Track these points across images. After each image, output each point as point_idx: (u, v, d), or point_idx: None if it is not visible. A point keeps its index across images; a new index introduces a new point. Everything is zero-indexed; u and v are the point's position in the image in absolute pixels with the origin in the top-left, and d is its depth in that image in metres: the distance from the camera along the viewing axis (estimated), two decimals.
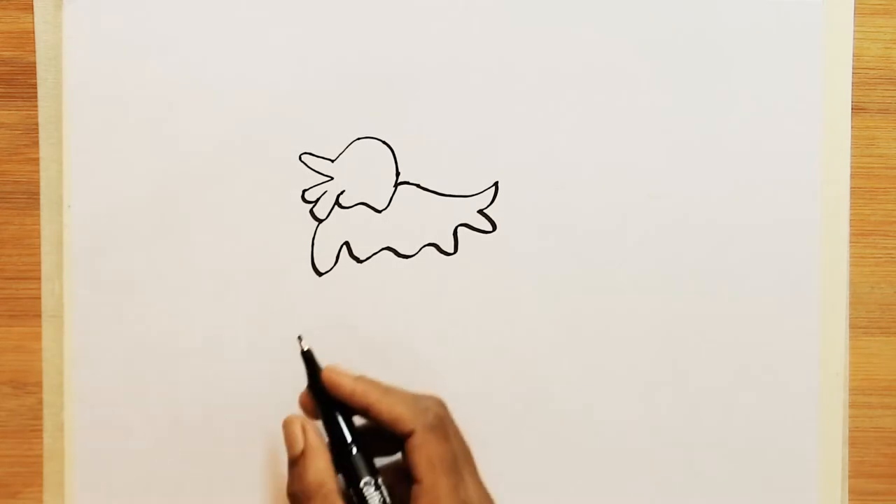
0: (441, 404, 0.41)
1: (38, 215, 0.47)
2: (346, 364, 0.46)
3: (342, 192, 0.46)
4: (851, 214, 0.47)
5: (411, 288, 0.46)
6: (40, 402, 0.47)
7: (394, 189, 0.46)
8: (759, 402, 0.46)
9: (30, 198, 0.47)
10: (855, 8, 0.46)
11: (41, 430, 0.47)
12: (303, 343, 0.42)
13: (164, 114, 0.46)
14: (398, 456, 0.41)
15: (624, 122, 0.46)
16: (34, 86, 0.46)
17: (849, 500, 0.47)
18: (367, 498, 0.39)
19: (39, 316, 0.47)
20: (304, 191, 0.46)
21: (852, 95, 0.47)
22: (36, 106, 0.46)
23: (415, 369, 0.46)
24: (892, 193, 0.47)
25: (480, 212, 0.46)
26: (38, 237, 0.47)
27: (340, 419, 0.40)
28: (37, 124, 0.46)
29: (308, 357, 0.42)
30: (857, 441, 0.47)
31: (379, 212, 0.46)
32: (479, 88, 0.46)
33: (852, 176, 0.47)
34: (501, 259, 0.46)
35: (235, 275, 0.46)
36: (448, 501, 0.38)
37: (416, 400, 0.41)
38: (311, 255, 0.46)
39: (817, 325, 0.46)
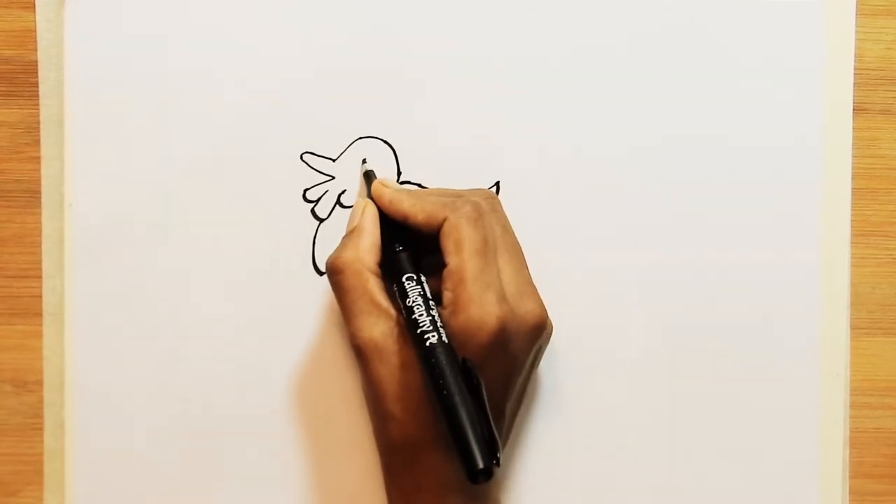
0: (486, 196, 0.42)
1: (40, 214, 0.47)
2: (348, 365, 0.46)
3: (344, 192, 0.46)
4: (852, 215, 0.47)
5: None
6: (41, 401, 0.47)
7: None
8: (760, 402, 0.46)
9: (31, 196, 0.47)
10: (856, 8, 0.46)
11: (42, 429, 0.47)
12: (365, 165, 0.45)
13: (166, 113, 0.46)
14: None
15: (624, 122, 0.46)
16: (36, 84, 0.46)
17: (849, 500, 0.47)
18: (408, 289, 0.40)
19: (40, 314, 0.47)
20: (305, 190, 0.46)
21: (853, 96, 0.47)
22: (37, 104, 0.46)
23: None
24: (893, 194, 0.47)
25: None
26: (40, 235, 0.47)
27: (393, 226, 0.42)
28: (38, 123, 0.46)
29: (368, 176, 0.44)
30: (858, 442, 0.47)
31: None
32: (481, 88, 0.46)
33: (853, 177, 0.47)
34: None
35: (236, 274, 0.46)
36: (473, 283, 0.39)
37: (453, 196, 0.42)
38: (313, 254, 0.46)
39: (818, 326, 0.46)
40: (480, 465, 0.36)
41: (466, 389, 0.37)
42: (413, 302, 0.39)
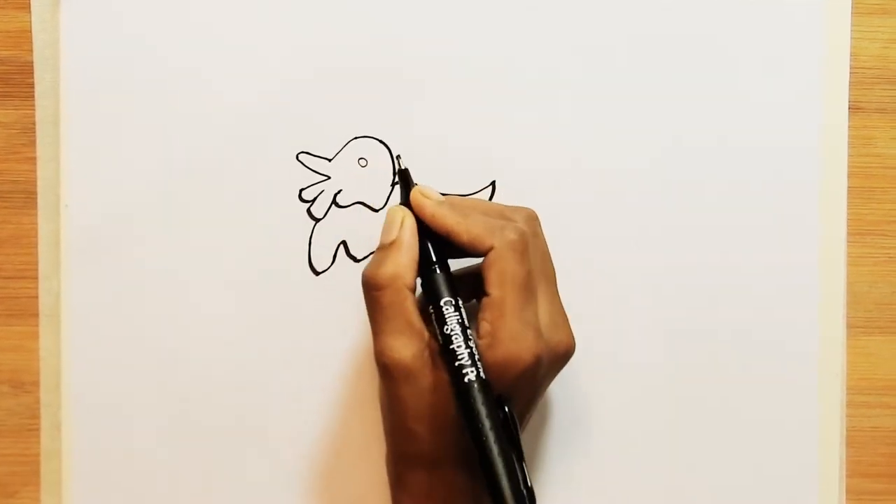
0: (527, 217, 0.41)
1: (36, 214, 0.47)
2: (346, 365, 0.46)
3: (339, 192, 0.46)
4: (849, 214, 0.47)
5: None
6: (37, 402, 0.47)
7: (391, 188, 0.46)
8: (757, 401, 0.46)
9: (27, 197, 0.47)
10: (852, 7, 0.46)
11: (38, 430, 0.47)
12: (401, 162, 0.42)
13: (162, 113, 0.46)
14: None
15: (621, 122, 0.46)
16: (31, 85, 0.46)
17: (846, 499, 0.47)
18: (446, 315, 0.39)
19: (37, 315, 0.47)
20: (301, 190, 0.46)
21: (849, 95, 0.47)
22: (33, 105, 0.46)
23: None
24: (890, 193, 0.47)
25: None
26: (36, 236, 0.47)
27: (429, 240, 0.40)
28: (34, 123, 0.46)
29: (404, 176, 0.42)
30: (855, 441, 0.47)
31: (376, 211, 0.46)
32: (477, 87, 0.46)
33: (849, 175, 0.47)
34: None
35: (232, 274, 0.46)
36: (512, 318, 0.38)
37: (497, 216, 0.41)
38: (308, 254, 0.46)
39: (815, 325, 0.46)
40: None
41: (501, 427, 0.37)
42: (451, 330, 0.38)
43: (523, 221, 0.40)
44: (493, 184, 0.46)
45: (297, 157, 0.46)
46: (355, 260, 0.46)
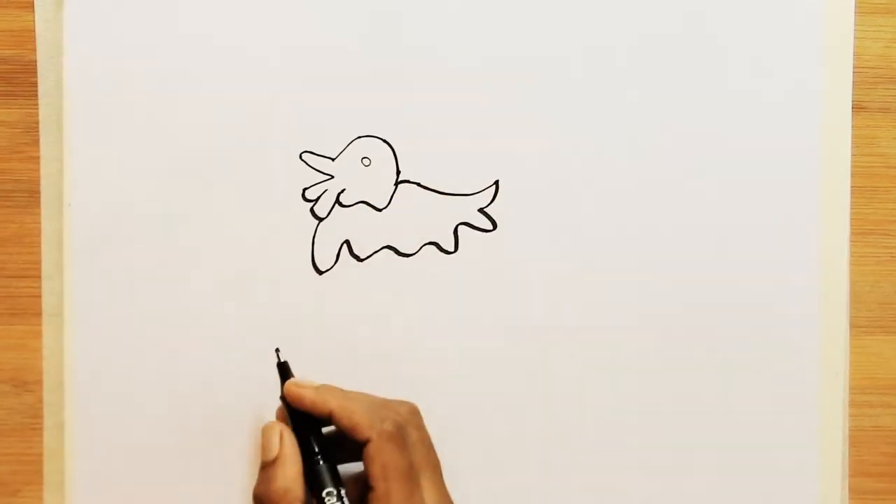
0: (409, 411, 0.42)
1: (39, 213, 0.47)
2: (348, 364, 0.46)
3: (342, 191, 0.46)
4: (852, 213, 0.47)
5: (412, 286, 0.46)
6: (40, 401, 0.47)
7: (394, 187, 0.46)
8: (759, 401, 0.46)
9: (30, 196, 0.47)
10: (855, 6, 0.46)
11: (41, 429, 0.47)
12: (280, 355, 0.43)
13: (165, 112, 0.46)
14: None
15: (623, 121, 0.46)
16: (35, 84, 0.46)
17: (849, 498, 0.47)
18: None
19: (40, 314, 0.47)
20: (304, 189, 0.46)
21: (853, 94, 0.47)
22: (36, 104, 0.46)
23: (414, 368, 0.46)
24: (893, 192, 0.47)
25: (481, 210, 0.46)
26: (39, 235, 0.47)
27: (308, 431, 0.41)
28: (37, 123, 0.46)
29: (283, 369, 0.43)
30: (858, 440, 0.47)
31: (379, 210, 0.46)
32: (480, 87, 0.46)
33: (852, 175, 0.47)
34: (502, 258, 0.46)
35: (236, 273, 0.46)
36: None
37: (379, 407, 0.41)
38: (312, 253, 0.46)
39: (817, 324, 0.46)
40: None
41: None
42: None
43: (405, 414, 0.41)
44: (496, 183, 0.46)
45: (300, 157, 0.46)
46: (358, 259, 0.46)
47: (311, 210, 0.46)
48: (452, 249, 0.46)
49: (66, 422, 0.46)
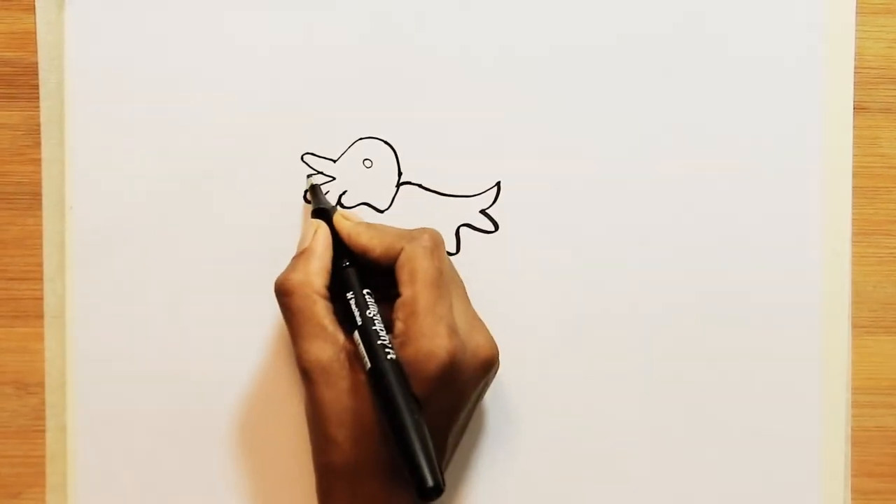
0: (434, 231, 0.42)
1: (41, 216, 0.47)
2: None
3: (344, 192, 0.46)
4: (853, 214, 0.47)
5: None
6: (43, 403, 0.47)
7: (396, 189, 0.46)
8: (762, 401, 0.46)
9: (32, 198, 0.47)
10: (857, 7, 0.46)
11: (44, 431, 0.47)
12: (312, 179, 0.45)
13: (167, 114, 0.46)
14: None
15: (625, 122, 0.46)
16: (36, 86, 0.46)
17: (851, 499, 0.47)
18: (352, 307, 0.40)
19: (42, 317, 0.47)
20: (305, 191, 0.46)
21: (854, 95, 0.47)
22: (38, 107, 0.46)
23: None
24: (894, 192, 0.47)
25: (483, 212, 0.46)
26: (41, 238, 0.47)
27: (339, 242, 0.42)
28: (39, 125, 0.46)
29: (314, 191, 0.45)
30: (860, 440, 0.47)
31: (381, 212, 0.46)
32: (481, 88, 0.46)
33: (854, 175, 0.47)
34: (503, 259, 0.46)
35: (237, 275, 0.46)
36: (424, 315, 0.39)
37: (412, 231, 0.42)
38: None
39: (819, 325, 0.46)
40: (430, 482, 0.36)
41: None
42: (361, 320, 0.40)
43: (432, 232, 0.42)
44: (498, 185, 0.46)
45: (301, 158, 0.46)
46: None
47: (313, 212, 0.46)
48: (454, 251, 0.46)
49: (68, 424, 0.46)
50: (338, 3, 0.46)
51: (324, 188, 0.46)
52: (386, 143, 0.46)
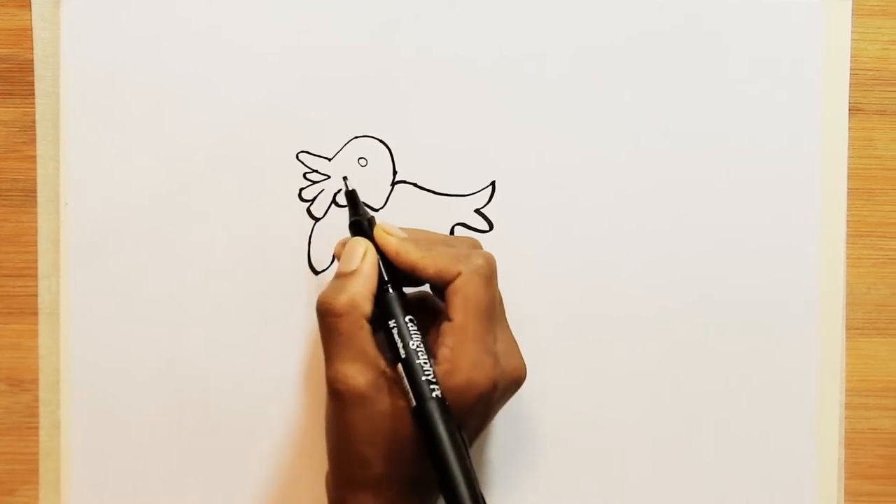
0: (490, 255, 0.41)
1: (35, 213, 0.47)
2: None
3: (339, 191, 0.46)
4: (848, 216, 0.47)
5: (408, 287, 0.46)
6: (36, 400, 0.47)
7: (391, 188, 0.46)
8: (756, 403, 0.46)
9: (27, 195, 0.47)
10: (853, 9, 0.46)
11: (37, 428, 0.47)
12: (348, 183, 0.43)
13: (162, 112, 0.46)
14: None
15: (621, 122, 0.46)
16: (31, 83, 0.46)
17: (845, 501, 0.47)
18: (395, 337, 0.39)
19: (36, 313, 0.47)
20: (300, 189, 0.46)
21: (850, 96, 0.47)
22: (33, 103, 0.46)
23: None
24: (890, 195, 0.47)
25: (477, 211, 0.46)
26: (35, 234, 0.47)
27: (381, 262, 0.40)
28: (34, 122, 0.46)
29: (352, 198, 0.42)
30: (854, 442, 0.47)
31: (376, 210, 0.46)
32: (477, 88, 0.46)
33: (849, 177, 0.47)
34: (498, 258, 0.46)
35: (231, 273, 0.46)
36: (473, 344, 0.38)
37: (463, 247, 0.41)
38: (308, 253, 0.46)
39: (814, 327, 0.46)
40: None
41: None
42: (407, 350, 0.38)
43: (485, 254, 0.41)
44: (492, 184, 0.46)
45: (297, 157, 0.46)
46: None
47: (308, 210, 0.46)
48: None
49: (62, 421, 0.46)
50: (334, 3, 0.46)
51: (318, 187, 0.46)
52: (381, 141, 0.46)
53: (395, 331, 0.39)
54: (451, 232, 0.46)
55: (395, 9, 0.46)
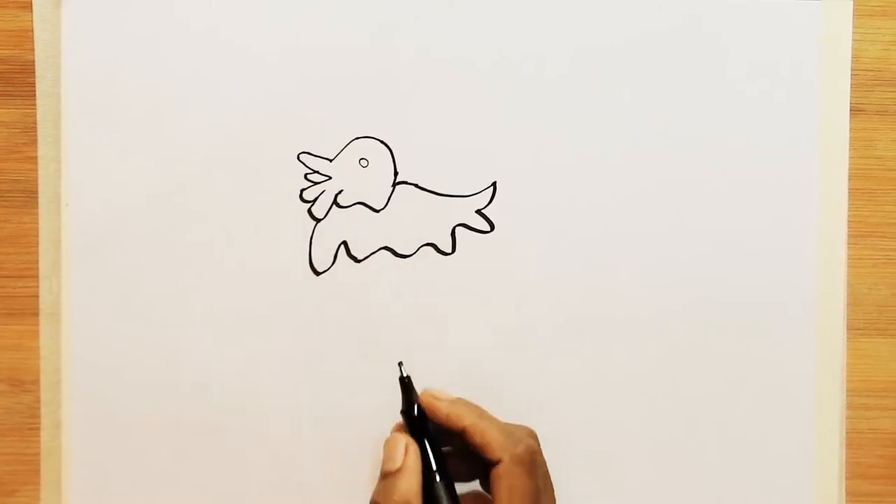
0: (533, 436, 0.42)
1: (36, 213, 0.47)
2: (345, 365, 0.46)
3: (340, 192, 0.46)
4: (849, 216, 0.47)
5: (409, 288, 0.46)
6: (38, 400, 0.47)
7: (392, 188, 0.46)
8: (757, 403, 0.46)
9: (28, 196, 0.47)
10: (854, 9, 0.46)
11: (39, 428, 0.47)
12: (403, 369, 0.42)
13: (163, 112, 0.46)
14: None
15: (621, 123, 0.46)
16: (33, 84, 0.46)
17: (846, 501, 0.47)
18: None
19: (37, 314, 0.47)
20: (302, 190, 0.46)
21: (850, 97, 0.47)
22: (34, 104, 0.46)
23: (412, 369, 0.46)
24: (890, 195, 0.47)
25: (478, 212, 0.46)
26: (36, 235, 0.47)
27: (429, 447, 0.41)
28: (35, 122, 0.46)
29: (405, 383, 0.42)
30: (855, 442, 0.47)
31: (377, 211, 0.46)
32: (478, 88, 0.46)
33: (850, 177, 0.47)
34: (499, 259, 0.46)
35: (233, 273, 0.46)
36: None
37: (510, 429, 0.41)
38: (309, 254, 0.46)
39: (815, 327, 0.46)
40: None
41: None
42: None
43: (533, 441, 0.41)
44: (494, 185, 0.46)
45: (298, 158, 0.46)
46: (356, 260, 0.46)
47: (309, 211, 0.46)
48: (450, 251, 0.46)
49: (62, 421, 0.46)
50: (334, 4, 0.46)
51: (319, 188, 0.46)
52: (382, 142, 0.46)
53: None
54: (452, 232, 0.46)
55: (394, 9, 0.46)
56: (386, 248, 0.46)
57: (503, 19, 0.46)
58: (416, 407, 0.41)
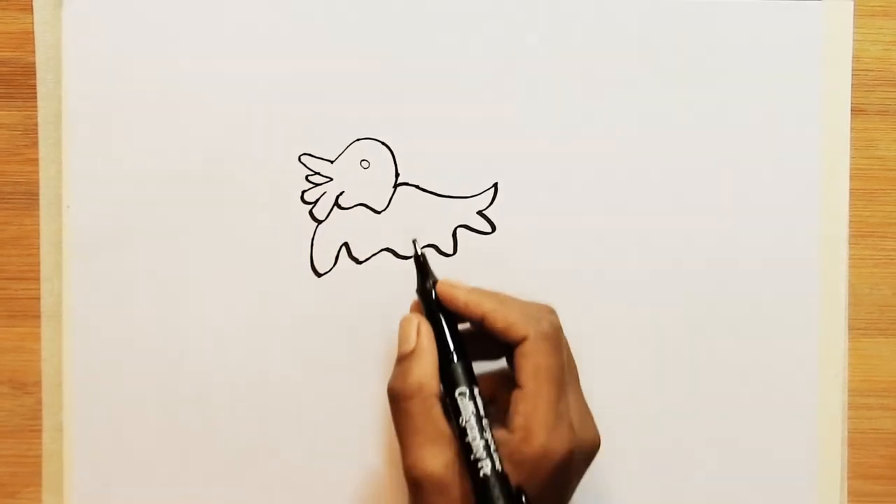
0: (555, 313, 0.40)
1: (38, 216, 0.47)
2: (345, 364, 0.46)
3: (341, 193, 0.46)
4: (851, 216, 0.47)
5: (410, 289, 0.46)
6: (39, 403, 0.47)
7: (393, 190, 0.46)
8: (758, 403, 0.46)
9: (29, 198, 0.47)
10: (855, 9, 0.46)
11: (40, 431, 0.47)
12: (417, 247, 0.42)
13: (164, 114, 0.46)
14: (502, 363, 0.41)
15: (623, 124, 0.46)
16: (34, 86, 0.46)
17: (848, 501, 0.47)
18: (461, 407, 0.38)
19: (38, 316, 0.47)
20: (303, 191, 0.46)
21: (852, 97, 0.47)
22: (35, 106, 0.46)
23: None
24: (892, 195, 0.47)
25: (480, 213, 0.46)
26: (38, 237, 0.47)
27: (445, 327, 0.40)
28: (36, 125, 0.46)
29: (420, 262, 0.41)
30: (857, 442, 0.47)
31: (378, 213, 0.46)
32: (479, 89, 0.46)
33: (851, 178, 0.47)
34: (500, 260, 0.46)
35: (234, 275, 0.46)
36: (545, 411, 0.38)
37: (531, 308, 0.40)
38: (311, 255, 0.46)
39: (816, 327, 0.46)
40: None
41: None
42: (466, 422, 0.38)
43: (551, 314, 0.40)
44: (495, 186, 0.46)
45: (299, 159, 0.46)
46: (357, 262, 0.46)
47: (310, 212, 0.46)
48: (451, 252, 0.46)
49: (64, 423, 0.46)
50: (336, 4, 0.46)
51: (320, 189, 0.46)
52: (383, 144, 0.46)
53: (454, 403, 0.38)
54: (454, 233, 0.46)
55: (395, 10, 0.46)
56: (387, 249, 0.46)
57: (503, 20, 0.46)
58: (430, 283, 0.40)
